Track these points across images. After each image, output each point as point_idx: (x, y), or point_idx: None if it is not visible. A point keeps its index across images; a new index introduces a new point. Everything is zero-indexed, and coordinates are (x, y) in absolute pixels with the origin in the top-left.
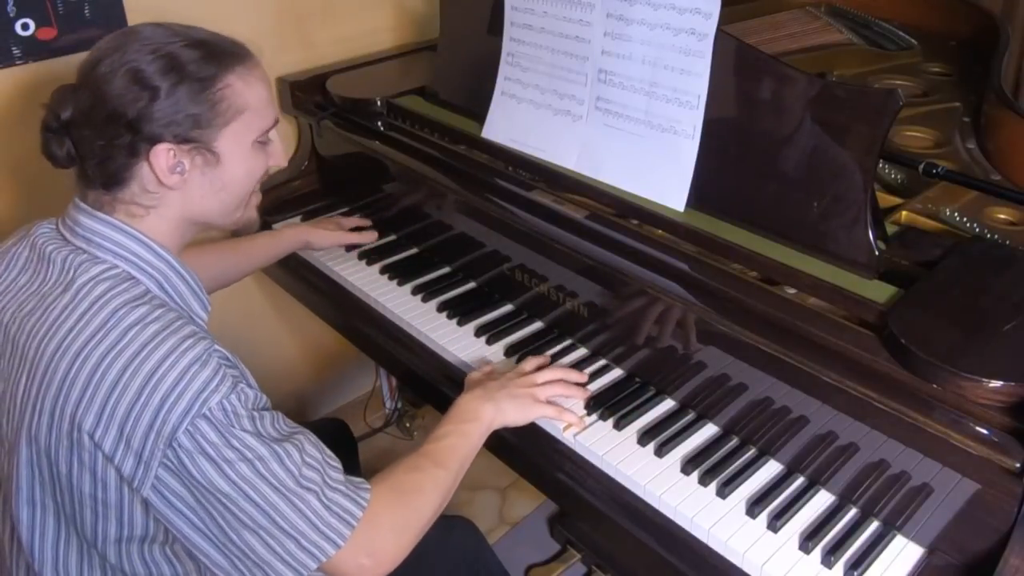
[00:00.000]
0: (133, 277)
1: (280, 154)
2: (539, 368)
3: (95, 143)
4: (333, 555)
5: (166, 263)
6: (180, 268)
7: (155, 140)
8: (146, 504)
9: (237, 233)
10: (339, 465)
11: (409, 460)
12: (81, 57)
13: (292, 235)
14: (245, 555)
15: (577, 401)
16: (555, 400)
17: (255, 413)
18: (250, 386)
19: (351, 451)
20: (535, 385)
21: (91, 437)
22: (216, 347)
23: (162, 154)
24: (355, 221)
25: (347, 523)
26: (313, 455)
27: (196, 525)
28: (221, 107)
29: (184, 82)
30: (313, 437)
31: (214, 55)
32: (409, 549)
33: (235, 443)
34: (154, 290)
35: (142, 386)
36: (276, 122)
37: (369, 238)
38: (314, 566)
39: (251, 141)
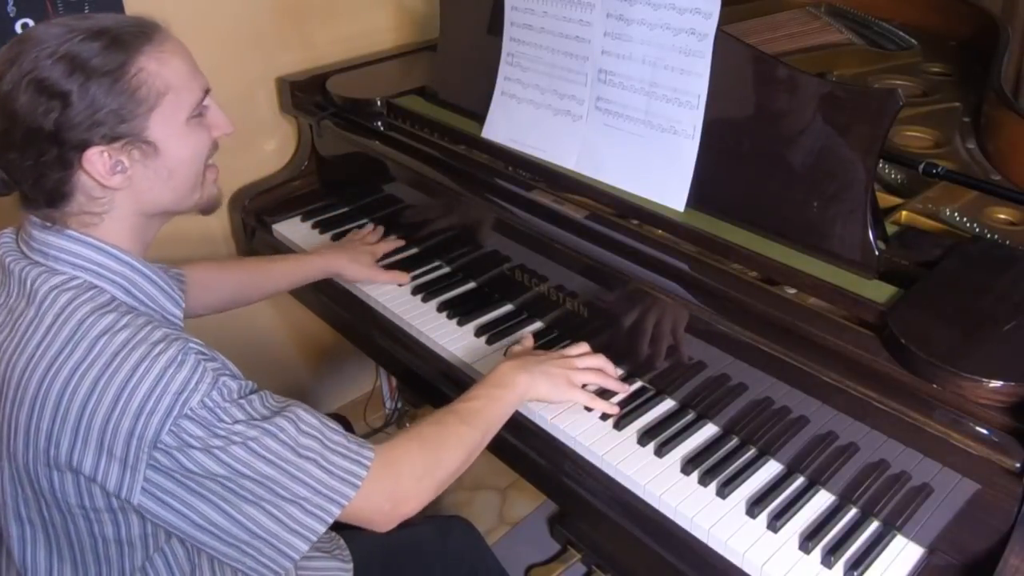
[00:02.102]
0: (96, 286)
1: (222, 122)
2: (581, 355)
3: (23, 164)
4: (339, 513)
5: (128, 266)
6: (144, 269)
7: (83, 146)
8: (140, 514)
9: (205, 212)
10: (338, 427)
11: (436, 414)
12: None
13: (323, 264)
14: (251, 534)
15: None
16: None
17: (242, 401)
18: (233, 376)
19: None
20: (573, 368)
21: (68, 463)
22: (191, 343)
23: (95, 158)
24: (388, 246)
25: (350, 483)
26: (309, 422)
27: (195, 521)
28: (140, 94)
29: (93, 79)
30: (306, 406)
31: (117, 42)
32: (430, 497)
33: (222, 432)
34: (120, 297)
35: (117, 396)
36: (207, 91)
37: (402, 279)
38: (322, 528)
39: (184, 119)
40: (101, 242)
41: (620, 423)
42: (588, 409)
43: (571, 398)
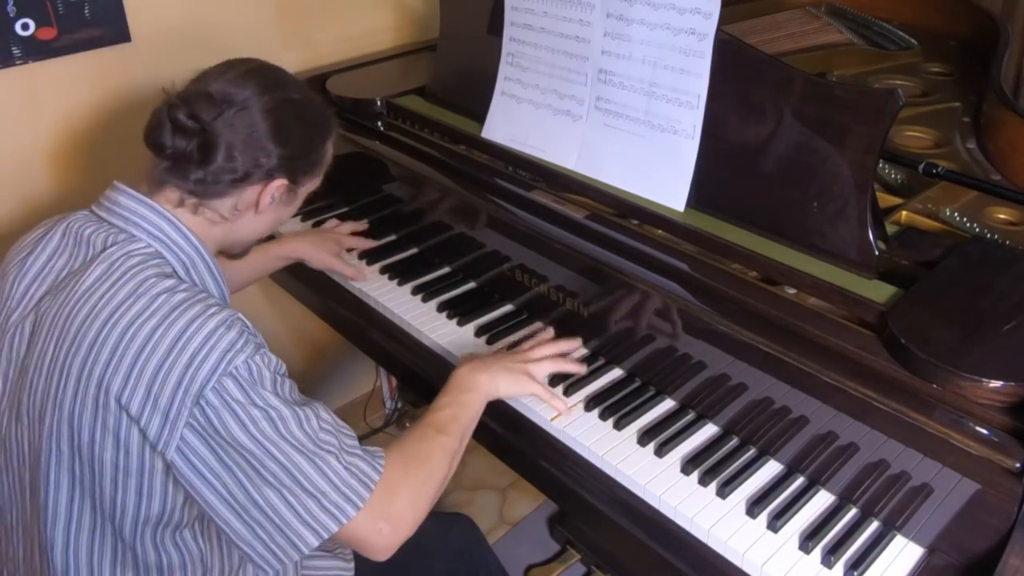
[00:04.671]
0: (163, 256)
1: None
2: (536, 346)
3: (234, 161)
4: (353, 517)
5: (196, 250)
6: (208, 259)
7: (283, 175)
8: (168, 471)
9: (232, 256)
10: (353, 433)
11: (415, 431)
12: (81, 57)
13: (286, 251)
14: (267, 517)
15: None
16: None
17: (277, 376)
18: (273, 354)
19: None
20: (530, 361)
21: (118, 399)
22: (239, 316)
23: (275, 186)
24: (352, 226)
25: (366, 485)
26: (328, 421)
27: (218, 490)
28: (322, 160)
29: (317, 135)
30: (326, 407)
31: (329, 119)
32: (424, 514)
33: (259, 401)
34: (180, 272)
35: (171, 346)
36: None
37: (363, 277)
38: (335, 528)
39: (304, 192)
40: (179, 221)
41: (620, 423)
42: (583, 406)
43: (532, 391)
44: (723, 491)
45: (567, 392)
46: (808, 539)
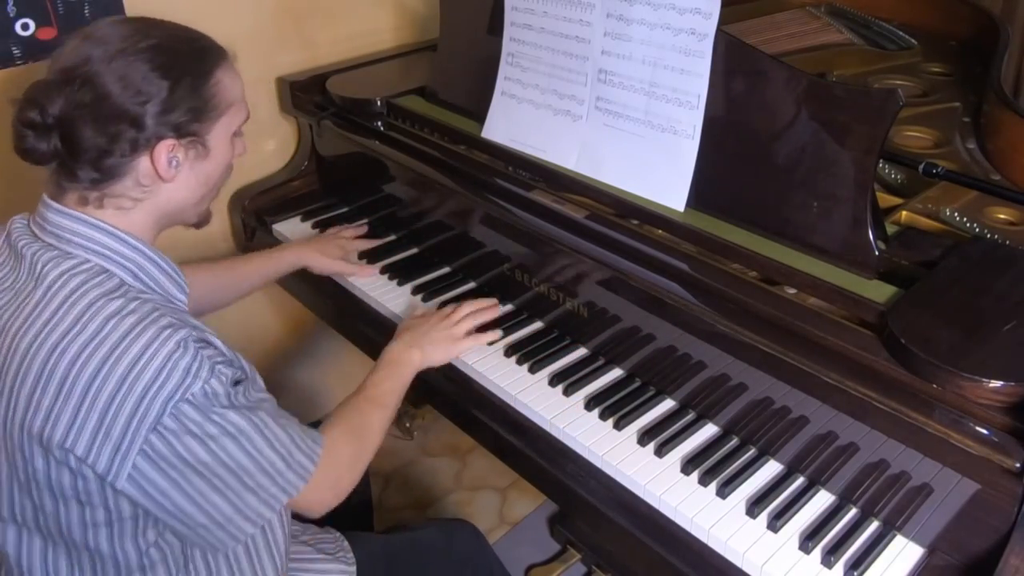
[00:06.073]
0: (107, 270)
1: (244, 145)
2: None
3: (96, 139)
4: (286, 501)
5: (138, 252)
6: (152, 254)
7: (160, 136)
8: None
9: (199, 225)
10: (295, 419)
11: (355, 403)
12: None
13: (292, 258)
14: (210, 518)
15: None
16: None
17: (231, 389)
18: (227, 363)
19: None
20: (453, 325)
21: (63, 438)
22: (193, 333)
23: (164, 149)
24: (355, 233)
25: (302, 476)
26: (284, 415)
27: (166, 507)
28: (215, 101)
29: (185, 77)
30: (273, 400)
31: (204, 51)
32: (358, 479)
33: (216, 419)
34: (129, 281)
35: (124, 376)
36: (248, 116)
37: (368, 272)
38: (271, 515)
39: (231, 134)
40: (113, 227)
41: (620, 423)
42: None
43: (462, 351)
44: (723, 491)
45: (567, 392)
46: (808, 539)
